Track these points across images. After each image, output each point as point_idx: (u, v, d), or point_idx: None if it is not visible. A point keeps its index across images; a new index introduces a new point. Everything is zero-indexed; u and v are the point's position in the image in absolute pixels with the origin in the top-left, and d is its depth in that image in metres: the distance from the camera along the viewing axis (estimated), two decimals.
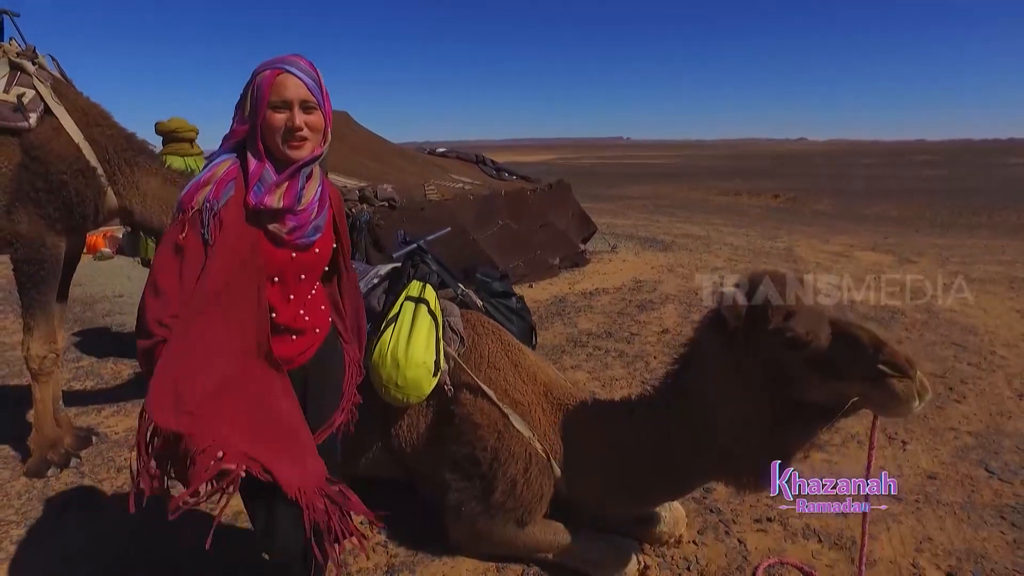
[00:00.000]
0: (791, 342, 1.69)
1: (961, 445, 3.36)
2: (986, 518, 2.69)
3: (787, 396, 1.76)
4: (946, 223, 16.65)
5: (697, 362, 1.99)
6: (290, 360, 1.65)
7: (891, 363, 1.56)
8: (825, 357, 1.65)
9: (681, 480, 2.14)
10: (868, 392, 1.60)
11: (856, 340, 1.62)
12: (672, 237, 10.51)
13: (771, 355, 1.74)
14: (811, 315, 1.70)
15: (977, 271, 7.91)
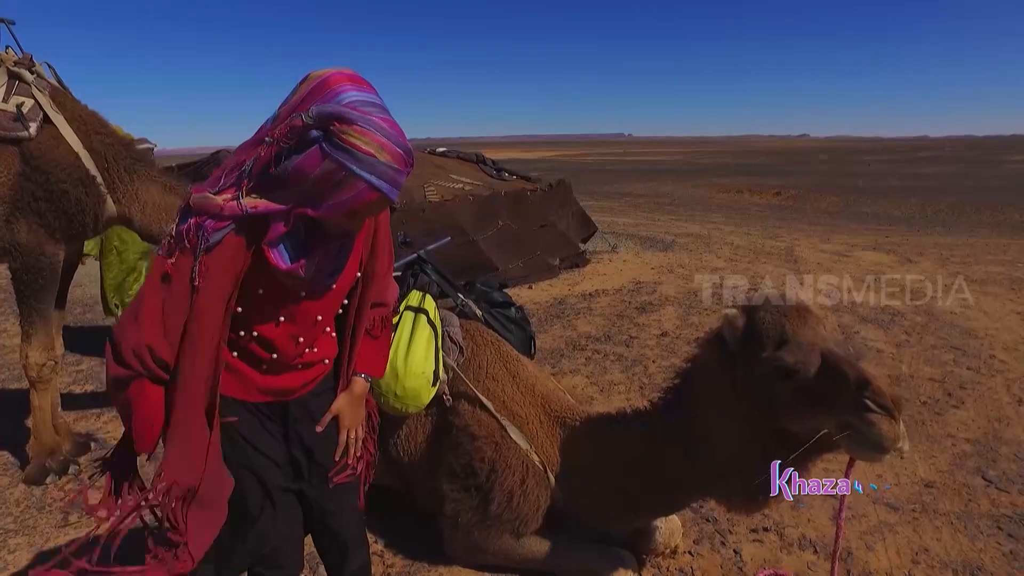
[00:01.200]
0: (780, 371, 1.69)
1: (959, 453, 3.36)
2: (983, 528, 2.70)
3: (772, 423, 1.77)
4: (948, 221, 16.63)
5: (696, 380, 2.00)
6: (290, 392, 1.56)
7: (876, 401, 1.53)
8: (811, 388, 1.65)
9: (675, 495, 2.14)
10: (848, 428, 1.57)
11: (842, 374, 1.59)
12: (673, 236, 10.50)
13: (763, 381, 1.74)
14: (803, 346, 1.69)
15: (978, 272, 7.90)
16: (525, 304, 6.22)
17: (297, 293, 1.44)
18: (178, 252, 1.31)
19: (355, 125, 1.19)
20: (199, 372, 1.37)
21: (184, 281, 1.31)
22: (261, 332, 1.47)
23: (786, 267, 8.18)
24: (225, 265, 1.32)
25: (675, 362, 4.13)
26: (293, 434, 1.60)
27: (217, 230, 1.29)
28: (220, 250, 1.30)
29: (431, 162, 8.87)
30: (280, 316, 1.46)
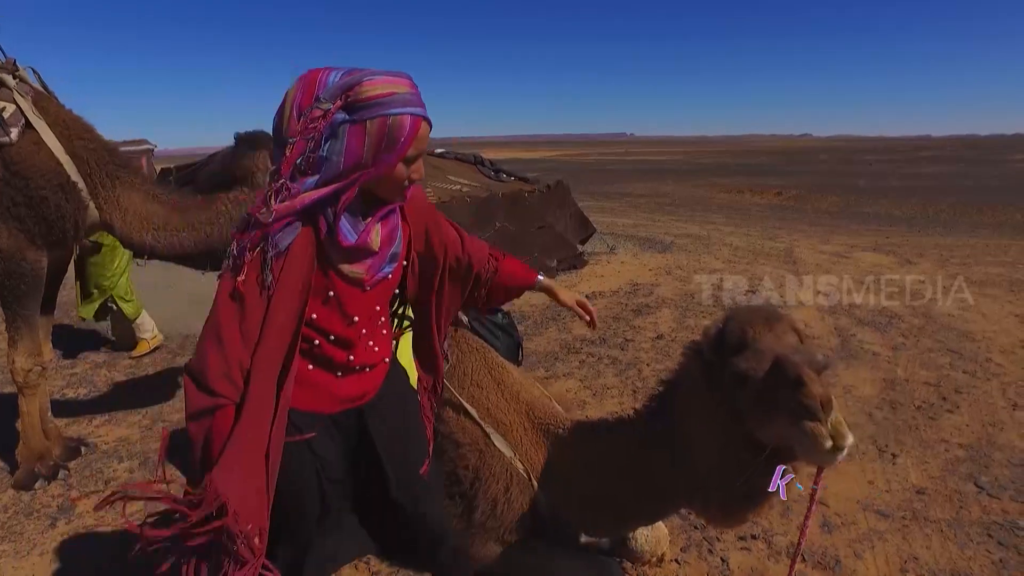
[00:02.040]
0: (734, 377, 1.67)
1: (951, 458, 3.33)
2: (973, 536, 2.68)
3: (743, 431, 1.74)
4: (948, 221, 16.58)
5: (680, 388, 1.98)
6: (353, 400, 1.54)
7: (801, 402, 1.46)
8: (762, 394, 1.61)
9: (660, 504, 2.12)
10: (788, 429, 1.51)
11: (782, 376, 1.52)
12: (672, 237, 10.47)
13: (730, 389, 1.73)
14: (759, 351, 1.66)
15: (978, 273, 7.86)
16: (520, 306, 6.21)
17: (363, 287, 1.46)
18: (246, 266, 1.29)
19: (361, 83, 1.26)
20: (270, 387, 1.32)
21: (256, 295, 1.30)
22: (338, 334, 1.47)
23: (785, 268, 8.15)
24: (295, 271, 1.32)
25: (669, 365, 4.11)
26: (367, 441, 1.60)
27: (284, 236, 1.30)
28: (289, 257, 1.31)
29: (429, 163, 8.86)
30: (354, 316, 1.46)
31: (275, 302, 1.30)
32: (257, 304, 1.30)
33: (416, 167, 1.39)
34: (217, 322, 1.30)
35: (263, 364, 1.30)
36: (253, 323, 1.30)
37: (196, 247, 3.05)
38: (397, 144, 1.29)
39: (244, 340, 1.29)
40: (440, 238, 1.67)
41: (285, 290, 1.31)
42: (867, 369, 4.62)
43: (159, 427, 3.81)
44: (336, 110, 1.26)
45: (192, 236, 3.01)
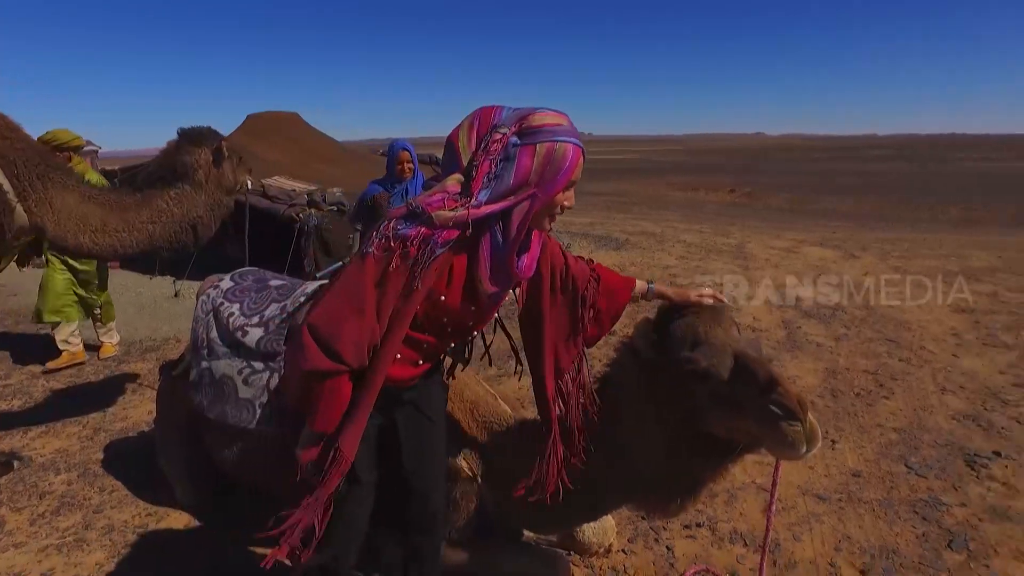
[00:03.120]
0: (694, 373, 1.69)
1: (886, 442, 3.48)
2: (901, 513, 2.80)
3: (695, 427, 1.77)
4: (891, 217, 17.22)
5: (616, 383, 2.01)
6: (395, 382, 1.68)
7: (781, 404, 1.52)
8: (725, 391, 1.65)
9: (598, 500, 2.15)
10: (760, 428, 1.58)
11: (752, 376, 1.58)
12: (627, 235, 10.62)
13: (679, 385, 1.75)
14: (716, 347, 1.70)
15: (915, 265, 8.19)
16: None
17: (471, 303, 1.59)
18: (398, 256, 1.44)
19: (534, 113, 1.47)
20: (384, 367, 1.53)
21: (400, 284, 1.46)
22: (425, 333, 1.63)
23: (736, 264, 8.35)
24: (433, 276, 1.48)
25: None
26: (401, 417, 1.78)
27: (442, 245, 1.45)
28: (435, 262, 1.46)
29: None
30: (444, 319, 1.60)
31: (413, 297, 1.48)
32: (397, 293, 1.47)
33: (570, 195, 1.55)
34: (361, 296, 1.46)
35: (390, 347, 1.52)
36: (389, 308, 1.48)
37: (138, 247, 2.98)
38: (562, 169, 1.46)
39: (380, 321, 1.48)
40: (547, 256, 1.81)
41: (423, 289, 1.48)
42: (811, 359, 4.78)
43: (102, 437, 3.69)
44: (511, 134, 1.45)
45: (134, 237, 2.94)
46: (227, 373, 2.35)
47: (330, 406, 1.53)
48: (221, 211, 3.12)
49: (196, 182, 2.95)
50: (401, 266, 1.45)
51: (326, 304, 1.51)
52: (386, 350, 1.52)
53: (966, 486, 3.02)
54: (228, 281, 2.62)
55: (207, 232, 3.09)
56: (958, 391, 4.16)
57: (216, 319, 2.49)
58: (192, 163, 2.95)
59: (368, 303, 1.46)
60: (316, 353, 1.46)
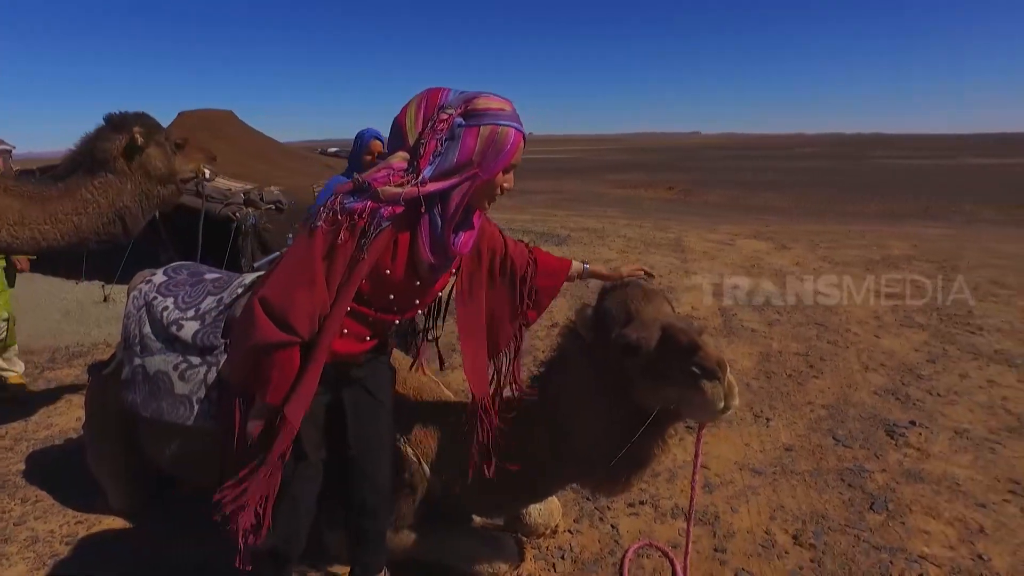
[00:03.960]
0: (627, 348, 1.75)
1: (815, 417, 3.66)
2: (829, 482, 2.96)
3: (631, 402, 1.83)
4: (820, 211, 18.02)
5: (559, 367, 2.06)
6: (341, 356, 1.71)
7: (701, 365, 1.59)
8: (654, 361, 1.71)
9: (545, 481, 2.19)
10: (682, 394, 1.64)
11: (676, 343, 1.65)
12: (568, 231, 10.77)
13: (615, 363, 1.81)
14: (645, 321, 1.77)
15: (841, 255, 8.63)
16: None
17: (415, 276, 1.64)
18: (346, 230, 1.48)
19: (479, 97, 1.52)
20: (330, 338, 1.58)
21: (345, 258, 1.51)
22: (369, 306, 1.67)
23: (674, 256, 8.60)
24: (378, 250, 1.53)
25: None
26: (348, 396, 1.82)
27: (387, 219, 1.50)
28: (381, 236, 1.51)
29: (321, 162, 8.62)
30: (391, 295, 1.66)
31: (359, 269, 1.52)
32: (344, 264, 1.51)
33: (510, 177, 1.61)
34: (311, 268, 1.49)
35: (335, 318, 1.56)
36: (337, 279, 1.52)
37: (64, 240, 2.83)
38: (503, 151, 1.52)
39: (329, 291, 1.53)
40: (486, 237, 1.86)
41: (368, 262, 1.53)
42: (746, 344, 4.98)
43: (23, 447, 3.50)
44: (457, 115, 1.51)
45: (57, 229, 2.80)
46: (162, 369, 2.28)
47: (282, 378, 1.55)
48: (153, 201, 2.99)
49: (120, 170, 2.83)
50: (348, 239, 1.49)
51: (276, 278, 1.55)
52: (332, 320, 1.57)
53: (886, 454, 3.22)
54: (161, 275, 2.54)
55: (136, 223, 2.96)
56: (879, 368, 4.42)
57: (149, 314, 2.41)
58: (112, 149, 2.82)
59: (318, 274, 1.50)
60: (269, 326, 1.51)
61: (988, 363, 4.55)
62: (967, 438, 3.37)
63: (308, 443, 1.76)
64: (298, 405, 1.58)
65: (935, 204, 18.33)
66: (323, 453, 1.85)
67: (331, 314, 1.56)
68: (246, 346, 1.57)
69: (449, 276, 1.82)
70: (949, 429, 3.47)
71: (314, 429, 1.78)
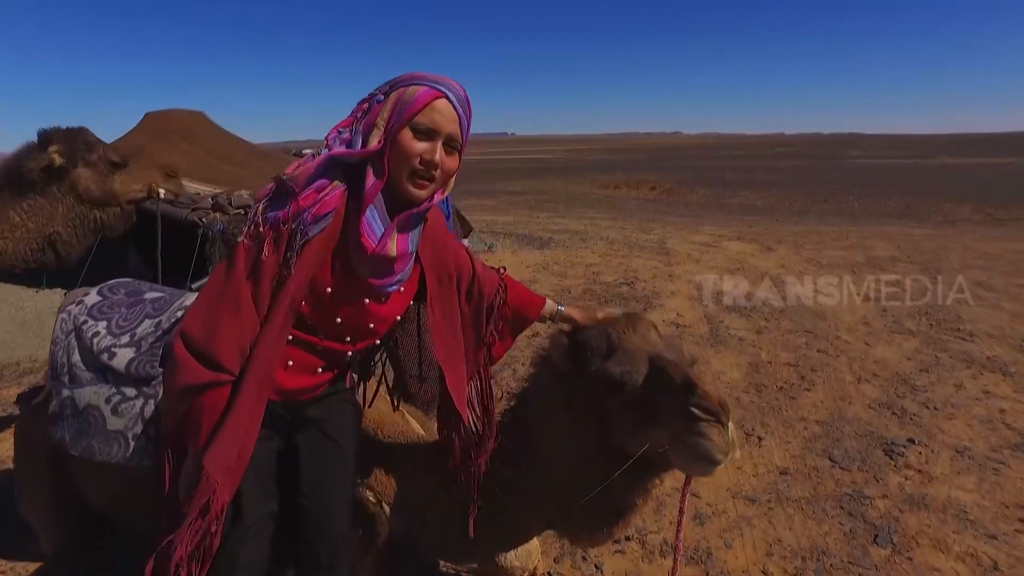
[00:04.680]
0: (609, 383, 1.53)
1: (809, 436, 3.48)
2: (828, 510, 2.77)
3: (611, 442, 1.60)
4: (802, 210, 18.04)
5: (532, 401, 1.82)
6: (306, 392, 1.53)
7: (700, 406, 1.36)
8: (641, 400, 1.49)
9: (516, 527, 1.97)
10: (678, 436, 1.40)
11: (667, 379, 1.43)
12: (550, 233, 10.57)
13: (595, 397, 1.58)
14: (630, 353, 1.54)
15: (826, 257, 8.52)
16: None
17: (362, 296, 1.42)
18: (270, 243, 1.27)
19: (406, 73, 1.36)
20: (272, 366, 1.35)
21: (273, 272, 1.30)
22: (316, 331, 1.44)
23: (658, 259, 8.42)
24: (311, 264, 1.32)
25: None
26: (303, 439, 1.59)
27: (313, 223, 1.28)
28: (310, 247, 1.30)
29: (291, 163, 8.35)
30: (337, 319, 1.42)
31: (287, 287, 1.30)
32: (272, 280, 1.30)
33: (432, 148, 1.33)
34: (235, 291, 1.28)
35: (267, 345, 1.32)
36: (265, 299, 1.31)
37: None
38: (408, 107, 1.30)
39: (259, 314, 1.31)
40: (453, 258, 1.61)
41: (300, 276, 1.31)
42: (734, 354, 4.80)
43: None
44: (381, 94, 1.35)
45: None
46: (92, 402, 2.02)
47: (208, 421, 1.32)
48: (90, 226, 2.69)
49: (49, 193, 2.55)
50: (273, 253, 1.28)
51: (198, 308, 1.32)
52: (262, 349, 1.33)
53: (886, 476, 3.04)
54: (94, 295, 2.27)
55: (71, 250, 2.68)
56: (872, 379, 4.26)
57: (78, 340, 2.14)
58: (36, 169, 2.53)
59: (244, 298, 1.29)
60: (192, 364, 1.28)
61: (982, 371, 4.41)
62: (969, 457, 3.21)
63: (247, 497, 1.52)
64: (220, 453, 1.32)
65: (914, 203, 18.45)
66: (272, 506, 1.60)
67: (259, 342, 1.32)
68: (172, 390, 1.35)
69: (408, 298, 1.57)
70: (949, 447, 3.30)
71: (256, 480, 1.53)
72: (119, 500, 2.13)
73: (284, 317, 1.34)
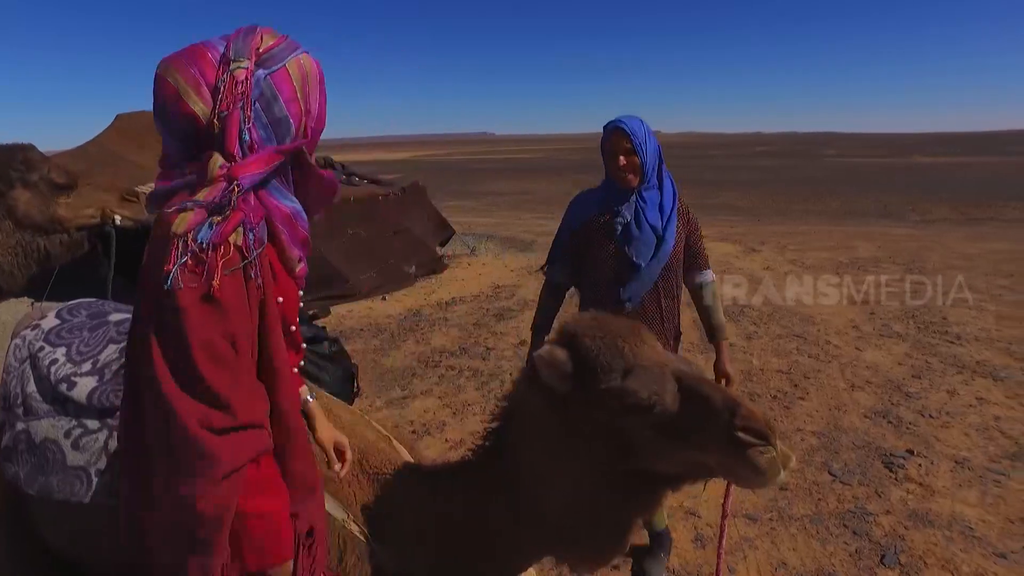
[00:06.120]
0: (632, 406, 1.40)
1: (807, 448, 3.39)
2: (832, 529, 2.67)
3: (630, 465, 1.49)
4: (783, 210, 18.14)
5: (517, 424, 1.68)
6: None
7: (750, 429, 1.28)
8: (673, 421, 1.38)
9: (509, 558, 1.84)
10: (724, 461, 1.33)
11: (707, 402, 1.34)
12: (533, 236, 10.45)
13: (608, 420, 1.45)
14: (651, 371, 1.42)
15: (810, 258, 8.51)
16: (377, 318, 5.78)
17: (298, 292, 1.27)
18: (219, 267, 1.01)
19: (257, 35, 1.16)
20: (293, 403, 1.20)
21: (242, 297, 1.05)
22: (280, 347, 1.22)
23: None
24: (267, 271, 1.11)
25: None
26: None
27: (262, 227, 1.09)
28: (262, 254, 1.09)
29: None
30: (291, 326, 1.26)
31: (269, 300, 1.11)
32: (245, 310, 1.06)
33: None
34: (207, 340, 1.00)
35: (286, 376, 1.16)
36: (245, 333, 1.06)
37: None
38: (318, 83, 1.17)
39: (252, 354, 1.09)
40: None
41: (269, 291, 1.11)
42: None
43: None
44: (254, 68, 1.11)
45: None
46: (51, 436, 1.85)
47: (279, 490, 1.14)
48: (34, 255, 2.39)
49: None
50: (227, 280, 1.03)
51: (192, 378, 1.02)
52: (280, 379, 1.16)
53: (887, 490, 2.96)
54: (52, 318, 2.09)
55: (12, 281, 2.41)
56: (866, 386, 4.19)
57: (34, 369, 1.97)
58: None
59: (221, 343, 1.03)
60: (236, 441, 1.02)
61: (973, 376, 4.37)
62: (968, 468, 3.14)
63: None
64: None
65: (891, 203, 18.64)
66: None
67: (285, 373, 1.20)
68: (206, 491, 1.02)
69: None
70: (948, 458, 3.24)
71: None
72: (82, 541, 1.96)
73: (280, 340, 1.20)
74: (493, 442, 1.74)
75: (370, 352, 4.90)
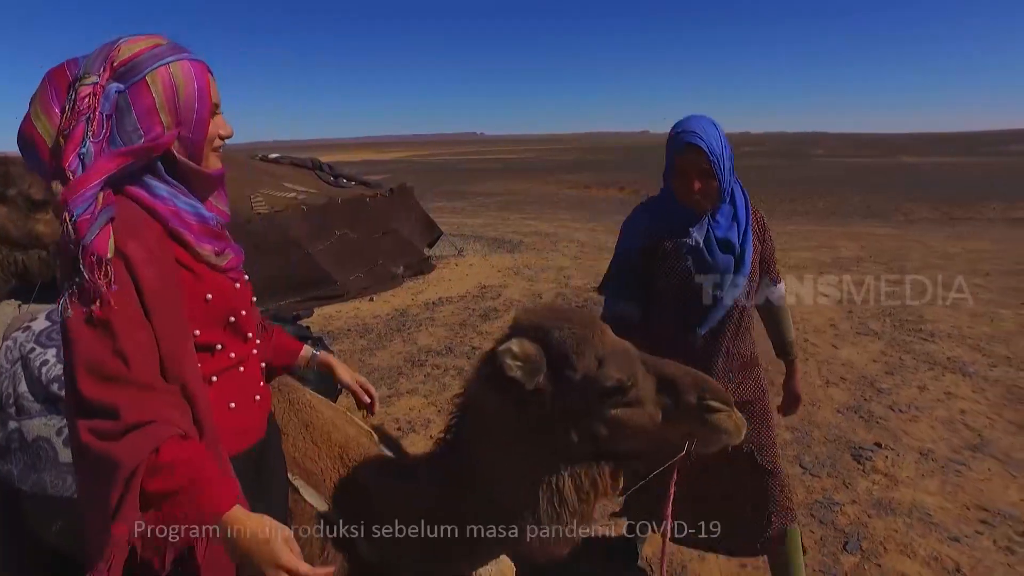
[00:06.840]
0: (609, 390, 1.49)
1: (781, 442, 3.48)
2: (800, 519, 2.77)
3: (595, 449, 1.58)
4: (770, 210, 18.19)
5: (473, 418, 1.75)
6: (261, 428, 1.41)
7: (718, 398, 1.46)
8: (643, 400, 1.50)
9: (479, 547, 1.92)
10: (698, 430, 1.49)
11: (673, 380, 1.49)
12: (521, 236, 10.55)
13: (583, 407, 1.54)
14: (622, 356, 1.53)
15: (793, 258, 8.66)
16: (364, 319, 5.86)
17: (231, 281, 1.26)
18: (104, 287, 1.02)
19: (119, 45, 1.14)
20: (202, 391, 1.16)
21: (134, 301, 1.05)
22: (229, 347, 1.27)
23: None
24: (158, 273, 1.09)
25: None
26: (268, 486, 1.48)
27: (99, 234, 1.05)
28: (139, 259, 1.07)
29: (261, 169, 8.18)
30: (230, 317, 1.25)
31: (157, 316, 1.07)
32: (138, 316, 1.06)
33: (222, 120, 1.22)
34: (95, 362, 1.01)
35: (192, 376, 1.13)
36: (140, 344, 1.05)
37: None
38: (197, 94, 1.15)
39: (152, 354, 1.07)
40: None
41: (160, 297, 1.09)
42: None
43: None
44: (106, 82, 1.09)
45: None
46: (43, 434, 1.93)
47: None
48: (9, 270, 2.37)
49: None
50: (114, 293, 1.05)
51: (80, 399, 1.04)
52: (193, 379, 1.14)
53: (855, 482, 3.08)
54: (42, 320, 2.16)
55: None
56: (840, 383, 4.32)
57: (25, 369, 2.04)
58: None
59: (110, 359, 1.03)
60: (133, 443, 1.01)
61: (943, 372, 4.51)
62: (932, 459, 3.27)
63: None
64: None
65: (876, 203, 18.88)
66: None
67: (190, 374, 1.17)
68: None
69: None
70: (914, 450, 3.36)
71: None
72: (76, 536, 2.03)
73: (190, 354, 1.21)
74: (454, 435, 1.81)
75: (357, 352, 4.98)
